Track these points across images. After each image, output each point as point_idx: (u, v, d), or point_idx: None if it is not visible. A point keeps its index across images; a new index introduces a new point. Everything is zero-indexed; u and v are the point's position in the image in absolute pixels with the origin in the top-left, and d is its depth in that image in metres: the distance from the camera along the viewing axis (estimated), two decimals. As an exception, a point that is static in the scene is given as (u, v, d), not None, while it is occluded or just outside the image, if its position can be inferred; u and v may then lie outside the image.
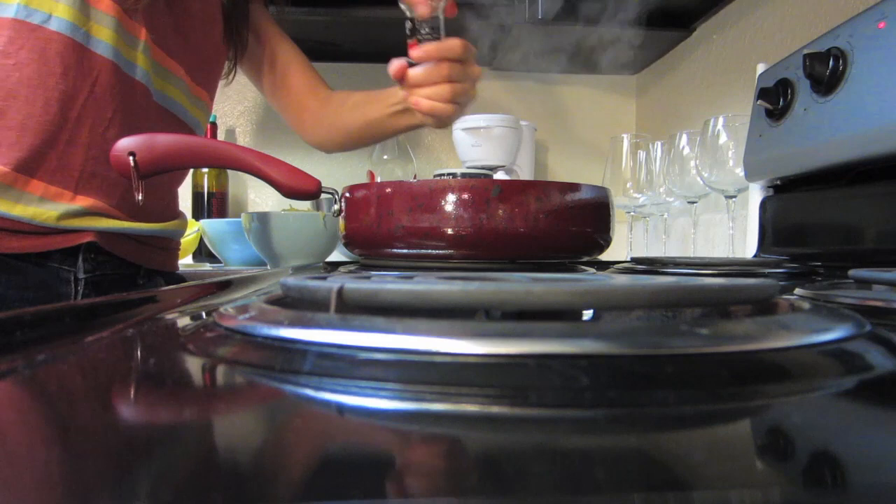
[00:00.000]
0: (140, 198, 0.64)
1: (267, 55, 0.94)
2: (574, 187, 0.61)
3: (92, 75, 0.69)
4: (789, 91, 0.75)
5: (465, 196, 0.57)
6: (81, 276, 0.71)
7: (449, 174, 1.29)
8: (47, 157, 0.67)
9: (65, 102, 0.67)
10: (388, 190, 0.61)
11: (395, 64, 0.75)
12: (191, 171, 1.47)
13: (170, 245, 0.86)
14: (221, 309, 0.25)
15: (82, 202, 0.69)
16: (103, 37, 0.69)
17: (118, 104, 0.71)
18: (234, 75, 0.93)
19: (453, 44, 0.73)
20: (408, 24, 0.71)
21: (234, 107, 1.62)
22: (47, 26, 0.66)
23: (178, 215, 0.86)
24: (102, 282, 0.73)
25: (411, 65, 0.74)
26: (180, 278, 0.88)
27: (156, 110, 0.77)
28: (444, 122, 0.80)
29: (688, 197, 1.03)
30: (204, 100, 0.86)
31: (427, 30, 0.71)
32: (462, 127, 1.37)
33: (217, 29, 0.85)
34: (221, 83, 0.93)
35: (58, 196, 0.68)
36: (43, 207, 0.67)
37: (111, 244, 0.73)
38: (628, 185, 1.11)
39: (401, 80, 0.76)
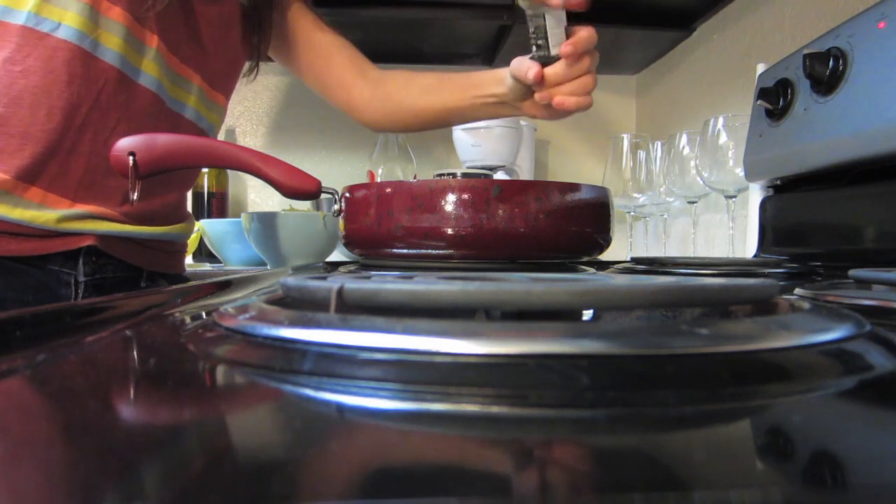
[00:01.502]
0: (135, 198, 0.64)
1: (303, 46, 0.91)
2: (574, 187, 0.61)
3: (98, 84, 0.68)
4: (789, 91, 0.75)
5: (465, 196, 0.57)
6: (82, 278, 0.71)
7: (449, 174, 1.29)
8: (48, 165, 0.66)
9: (69, 111, 0.66)
10: (388, 190, 0.61)
11: (533, 69, 0.69)
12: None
13: (174, 247, 0.86)
14: (221, 309, 0.25)
15: (81, 208, 0.69)
16: (111, 45, 0.68)
17: (122, 112, 0.71)
18: (257, 74, 0.91)
19: (591, 33, 0.69)
20: (535, 24, 0.66)
21: (234, 107, 1.61)
22: (55, 34, 0.65)
23: (185, 218, 0.86)
24: (103, 285, 0.73)
25: (543, 64, 0.69)
26: (185, 280, 0.87)
27: (169, 117, 0.76)
28: (567, 115, 0.75)
29: (688, 197, 1.03)
30: (220, 104, 0.86)
31: (554, 23, 0.66)
32: (462, 127, 1.37)
33: (235, 32, 0.84)
34: (243, 80, 0.92)
35: (56, 203, 0.67)
36: (41, 211, 0.66)
37: (112, 247, 0.73)
38: (628, 185, 1.11)
39: (538, 83, 0.71)
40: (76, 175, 0.68)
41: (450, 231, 0.58)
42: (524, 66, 0.70)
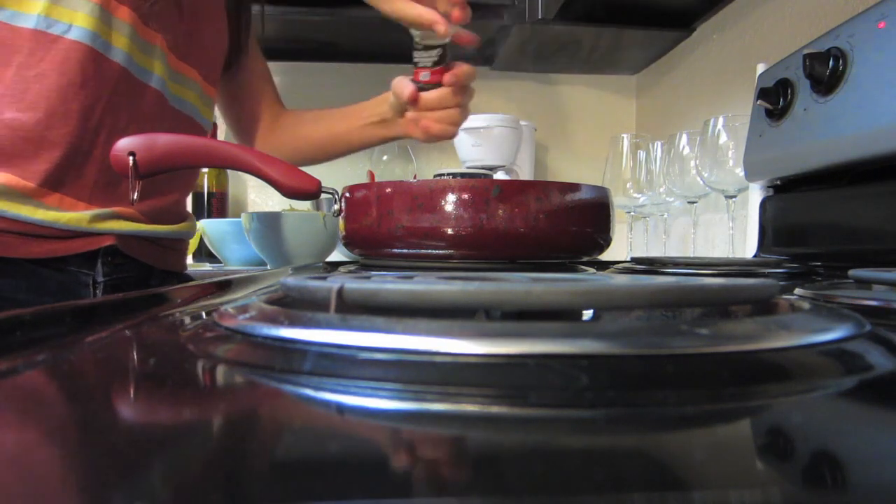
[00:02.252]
0: (135, 197, 0.64)
1: (246, 69, 0.94)
2: (574, 187, 0.61)
3: (109, 85, 0.68)
4: (789, 91, 0.75)
5: (465, 196, 0.57)
6: (101, 279, 0.71)
7: (449, 174, 1.29)
8: (67, 169, 0.66)
9: (83, 113, 0.66)
10: (388, 190, 0.61)
11: (408, 88, 0.76)
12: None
13: (181, 245, 0.87)
14: (221, 309, 0.25)
15: (98, 209, 0.69)
16: (120, 45, 0.68)
17: (132, 113, 0.71)
18: (238, 68, 0.92)
19: (472, 70, 0.75)
20: (419, 52, 0.72)
21: (234, 107, 1.61)
22: (67, 36, 0.65)
23: (188, 216, 0.87)
24: (120, 285, 0.73)
25: (421, 89, 0.76)
26: (189, 278, 0.88)
27: (171, 116, 0.77)
28: (435, 140, 0.83)
29: (688, 197, 1.03)
30: (214, 98, 0.87)
31: (436, 55, 0.72)
32: (462, 127, 1.37)
33: (222, 25, 0.85)
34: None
35: (72, 206, 0.68)
36: (61, 213, 0.66)
37: (129, 247, 0.73)
38: (628, 185, 1.11)
39: (413, 103, 0.77)
40: (91, 178, 0.69)
41: (450, 231, 0.57)
42: (402, 84, 0.77)
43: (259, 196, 1.65)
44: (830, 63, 0.67)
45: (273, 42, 1.47)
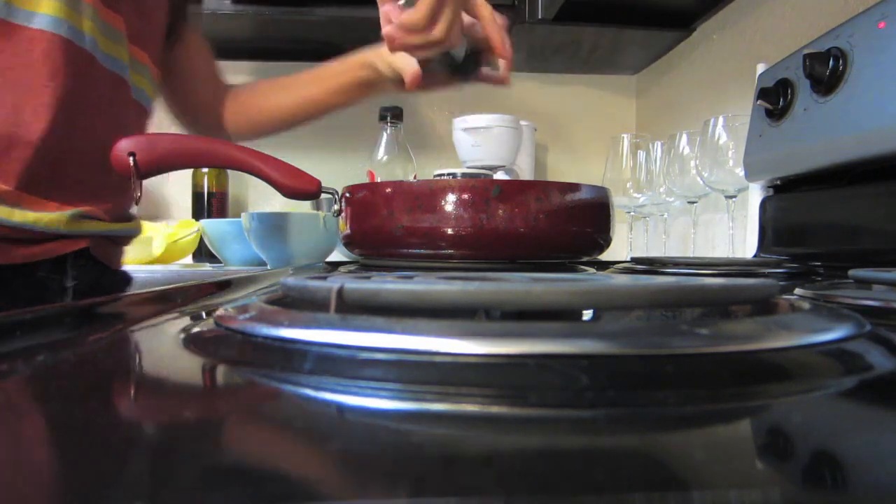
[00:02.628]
0: (139, 195, 0.63)
1: (185, 48, 0.89)
2: (574, 187, 0.61)
3: (80, 73, 0.64)
4: (789, 91, 0.75)
5: (465, 196, 0.57)
6: (70, 283, 0.68)
7: (449, 174, 1.29)
8: (41, 169, 0.63)
9: (55, 107, 0.62)
10: (388, 190, 0.61)
11: (410, 69, 0.74)
12: (190, 171, 1.48)
13: (128, 243, 0.83)
14: (221, 309, 0.25)
15: (75, 209, 0.66)
16: (86, 29, 0.64)
17: (103, 104, 0.68)
18: (175, 40, 0.87)
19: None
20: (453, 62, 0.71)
21: (234, 107, 1.61)
22: (31, 25, 0.60)
23: (133, 214, 0.84)
24: (85, 290, 0.70)
25: (451, 66, 0.75)
26: (125, 274, 0.85)
27: (134, 107, 0.74)
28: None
29: (688, 197, 1.03)
30: (158, 81, 0.83)
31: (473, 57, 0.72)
32: (462, 127, 1.37)
33: (164, 4, 0.81)
34: None
35: (50, 207, 0.65)
36: (40, 213, 0.63)
37: (98, 248, 0.71)
38: (628, 185, 1.11)
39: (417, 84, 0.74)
40: (67, 177, 0.66)
41: (450, 231, 0.57)
42: (405, 63, 0.73)
43: (259, 196, 1.65)
44: (830, 63, 0.67)
45: (271, 42, 1.48)
